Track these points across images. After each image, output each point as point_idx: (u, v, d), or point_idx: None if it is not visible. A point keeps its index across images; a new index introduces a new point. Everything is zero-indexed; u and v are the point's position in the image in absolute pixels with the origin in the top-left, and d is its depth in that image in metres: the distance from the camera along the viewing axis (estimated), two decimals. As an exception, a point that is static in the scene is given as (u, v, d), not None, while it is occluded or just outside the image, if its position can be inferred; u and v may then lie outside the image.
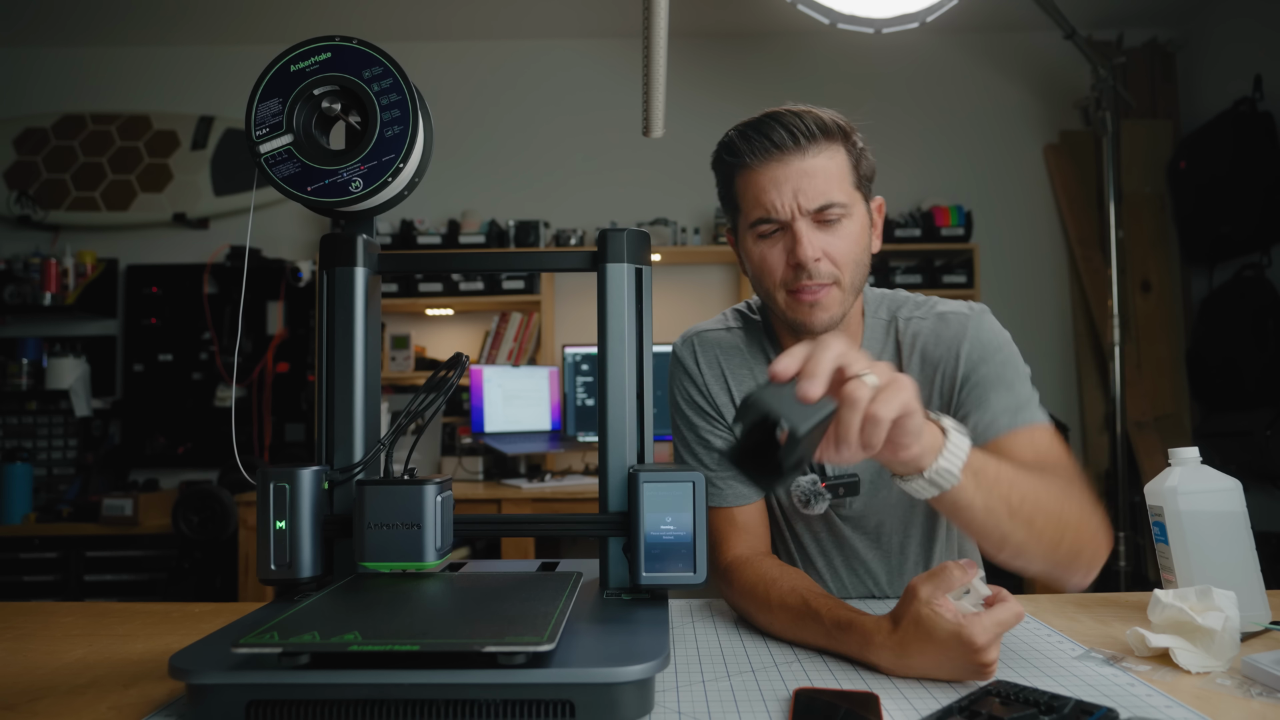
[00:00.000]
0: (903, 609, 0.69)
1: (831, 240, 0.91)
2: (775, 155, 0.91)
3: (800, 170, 0.90)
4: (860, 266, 0.94)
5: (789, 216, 0.91)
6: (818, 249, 0.90)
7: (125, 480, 3.27)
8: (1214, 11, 3.20)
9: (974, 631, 0.64)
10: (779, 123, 0.90)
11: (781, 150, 0.90)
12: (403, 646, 0.55)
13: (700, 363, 1.05)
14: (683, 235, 3.24)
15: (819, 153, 0.91)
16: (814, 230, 0.91)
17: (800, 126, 0.90)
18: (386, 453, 0.79)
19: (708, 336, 1.07)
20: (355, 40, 0.78)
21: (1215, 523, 0.85)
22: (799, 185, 0.90)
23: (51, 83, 3.47)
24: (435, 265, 0.91)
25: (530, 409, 2.91)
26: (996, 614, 0.65)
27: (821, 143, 0.91)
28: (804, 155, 0.90)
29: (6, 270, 3.20)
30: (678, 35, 3.19)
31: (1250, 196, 2.78)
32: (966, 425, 0.91)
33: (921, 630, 0.66)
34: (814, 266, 0.90)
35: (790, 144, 0.90)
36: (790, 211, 0.90)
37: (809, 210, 0.90)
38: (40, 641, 0.86)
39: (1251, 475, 2.66)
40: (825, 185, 0.90)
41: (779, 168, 0.91)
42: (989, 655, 0.64)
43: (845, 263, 0.92)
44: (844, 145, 0.93)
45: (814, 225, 0.91)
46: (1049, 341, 3.34)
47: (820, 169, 0.90)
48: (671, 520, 0.73)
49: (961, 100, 3.42)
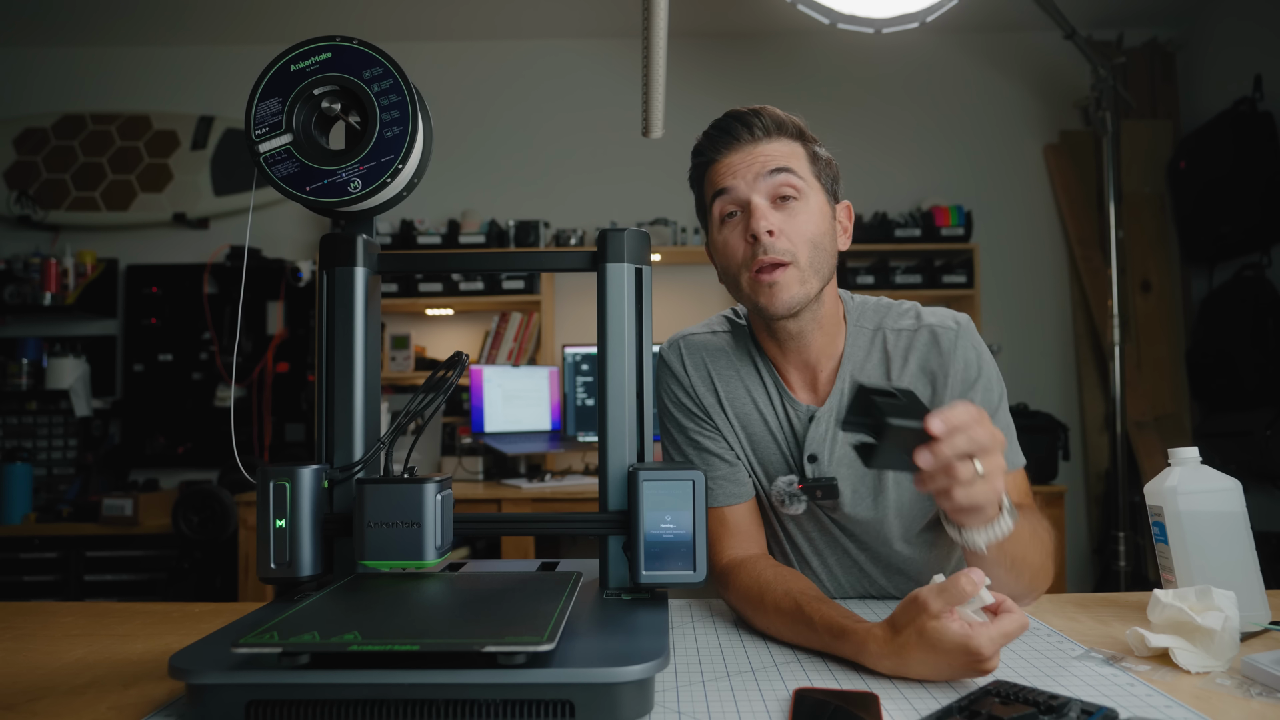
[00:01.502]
0: (905, 619, 0.69)
1: (787, 220, 0.94)
2: (733, 145, 0.96)
3: (753, 155, 0.95)
4: (819, 250, 0.95)
5: (745, 194, 0.94)
6: (773, 223, 0.93)
7: (125, 480, 3.27)
8: (1214, 12, 3.20)
9: (980, 642, 0.65)
10: (737, 119, 0.96)
11: (739, 140, 0.96)
12: (403, 646, 0.55)
13: (687, 366, 1.05)
14: (683, 235, 3.24)
15: (774, 141, 0.96)
16: (770, 209, 0.94)
17: (757, 121, 0.96)
18: (386, 452, 0.79)
19: (694, 340, 1.07)
20: (355, 40, 0.78)
21: (1215, 523, 0.85)
22: (753, 162, 0.95)
23: (51, 83, 3.47)
24: (435, 265, 0.91)
25: (530, 409, 2.91)
26: (1003, 625, 0.67)
27: (776, 135, 0.96)
28: (756, 144, 0.96)
29: (6, 270, 3.20)
30: (678, 35, 3.19)
31: (1250, 196, 2.78)
32: None
33: (925, 641, 0.66)
34: (767, 240, 0.92)
35: (746, 135, 0.96)
36: (747, 187, 0.94)
37: (764, 174, 0.94)
38: (40, 641, 0.86)
39: (1251, 475, 2.66)
40: (781, 159, 0.95)
41: (737, 155, 0.96)
42: (992, 664, 0.66)
43: (800, 241, 0.94)
44: (800, 142, 0.98)
45: (770, 205, 0.94)
46: (1049, 341, 3.34)
47: (775, 149, 0.96)
48: (671, 519, 0.73)
49: (961, 100, 3.42)
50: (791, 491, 1.00)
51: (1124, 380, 2.58)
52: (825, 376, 1.02)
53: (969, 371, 0.97)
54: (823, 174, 0.99)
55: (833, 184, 1.00)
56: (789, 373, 1.03)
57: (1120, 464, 2.58)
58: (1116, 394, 2.56)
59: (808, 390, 1.03)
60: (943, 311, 1.02)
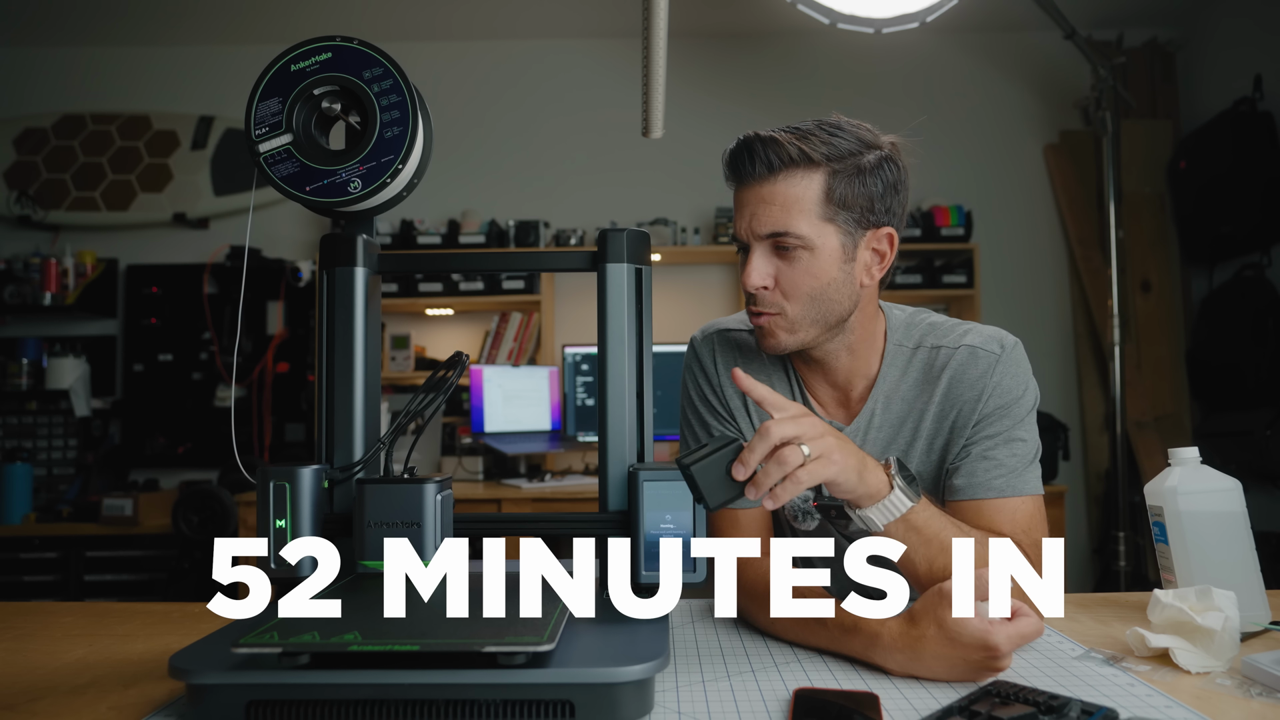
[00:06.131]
0: (925, 610, 0.70)
1: (785, 269, 0.91)
2: (744, 179, 0.92)
3: (758, 196, 0.91)
4: (818, 301, 0.91)
5: (745, 239, 0.93)
6: (765, 276, 0.91)
7: (125, 480, 3.27)
8: (1214, 12, 3.20)
9: (999, 639, 0.66)
10: (748, 149, 0.91)
11: (747, 177, 0.91)
12: (403, 646, 0.55)
13: (718, 362, 1.04)
14: (683, 235, 3.24)
15: (783, 180, 0.89)
16: (768, 257, 0.91)
17: (762, 157, 0.89)
18: (386, 452, 0.79)
19: (730, 336, 1.05)
20: (355, 40, 0.78)
21: (1215, 523, 0.85)
22: (755, 211, 0.91)
23: (51, 83, 3.46)
24: (435, 265, 0.91)
25: (530, 409, 2.91)
26: (1020, 626, 0.68)
27: (787, 171, 0.89)
28: (763, 183, 0.90)
29: (6, 270, 3.20)
30: (678, 35, 3.18)
31: (1250, 196, 2.78)
32: (964, 467, 0.92)
33: (945, 633, 0.67)
34: (757, 293, 0.92)
35: (751, 172, 0.91)
36: (746, 231, 0.92)
37: (760, 235, 0.91)
38: (40, 641, 0.86)
39: (1251, 475, 2.66)
40: (781, 215, 0.89)
41: (745, 191, 0.92)
42: (1005, 662, 0.67)
43: (795, 294, 0.91)
44: (822, 171, 0.89)
45: (770, 252, 0.91)
46: (1049, 341, 3.33)
47: (780, 196, 0.89)
48: (671, 519, 0.73)
49: (961, 100, 3.42)
50: (806, 508, 0.99)
51: (1124, 380, 2.58)
52: (858, 395, 1.00)
53: (996, 398, 0.93)
54: (842, 209, 0.89)
55: (864, 211, 0.90)
56: (818, 389, 1.02)
57: (1120, 464, 2.57)
58: (1116, 394, 2.56)
59: (839, 407, 1.02)
60: (991, 332, 0.97)
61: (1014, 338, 0.98)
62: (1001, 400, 0.93)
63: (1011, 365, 0.95)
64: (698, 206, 3.35)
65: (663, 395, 2.72)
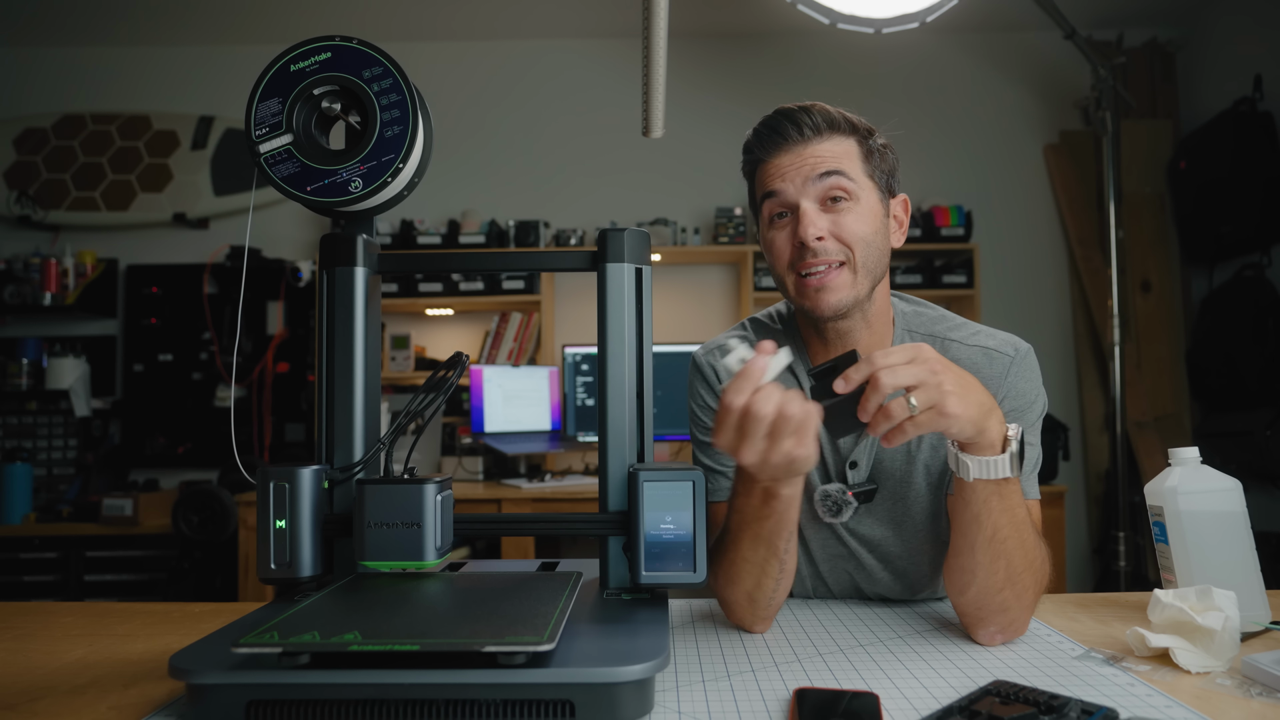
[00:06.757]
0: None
1: (839, 219, 0.92)
2: (783, 146, 0.94)
3: (802, 157, 0.93)
4: (873, 249, 0.94)
5: (794, 198, 0.93)
6: (821, 228, 0.91)
7: (125, 480, 3.27)
8: (1214, 11, 3.20)
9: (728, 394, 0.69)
10: (787, 118, 0.94)
11: (789, 141, 0.94)
12: (403, 646, 0.55)
13: (722, 377, 1.04)
14: (683, 235, 3.24)
15: (826, 140, 0.93)
16: (820, 212, 0.92)
17: (807, 120, 0.93)
18: (386, 452, 0.79)
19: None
20: (355, 40, 0.78)
21: (1215, 523, 0.85)
22: (803, 164, 0.93)
23: (51, 83, 3.46)
24: (435, 265, 0.91)
25: (530, 409, 2.91)
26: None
27: (828, 134, 0.94)
28: (807, 144, 0.93)
29: (6, 270, 3.20)
30: (678, 35, 3.19)
31: (1250, 196, 2.78)
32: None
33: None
34: (816, 245, 0.91)
35: (797, 136, 0.93)
36: (796, 191, 0.93)
37: (813, 177, 0.92)
38: (40, 641, 0.86)
39: (1251, 475, 2.66)
40: (832, 160, 0.92)
41: (787, 156, 0.94)
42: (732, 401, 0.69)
43: (854, 240, 0.92)
44: (854, 138, 0.95)
45: (820, 208, 0.93)
46: (1049, 341, 3.33)
47: (826, 151, 0.93)
48: (671, 519, 0.73)
49: (961, 100, 3.42)
50: (844, 499, 0.98)
51: (1124, 380, 2.58)
52: None
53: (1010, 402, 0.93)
54: (877, 170, 0.96)
55: (888, 178, 0.98)
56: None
57: (1120, 464, 2.57)
58: (1116, 394, 2.56)
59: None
60: (1004, 336, 0.98)
61: (1027, 344, 0.98)
62: (1014, 405, 0.93)
63: (1026, 370, 0.95)
64: (698, 206, 3.35)
65: (663, 395, 2.73)
